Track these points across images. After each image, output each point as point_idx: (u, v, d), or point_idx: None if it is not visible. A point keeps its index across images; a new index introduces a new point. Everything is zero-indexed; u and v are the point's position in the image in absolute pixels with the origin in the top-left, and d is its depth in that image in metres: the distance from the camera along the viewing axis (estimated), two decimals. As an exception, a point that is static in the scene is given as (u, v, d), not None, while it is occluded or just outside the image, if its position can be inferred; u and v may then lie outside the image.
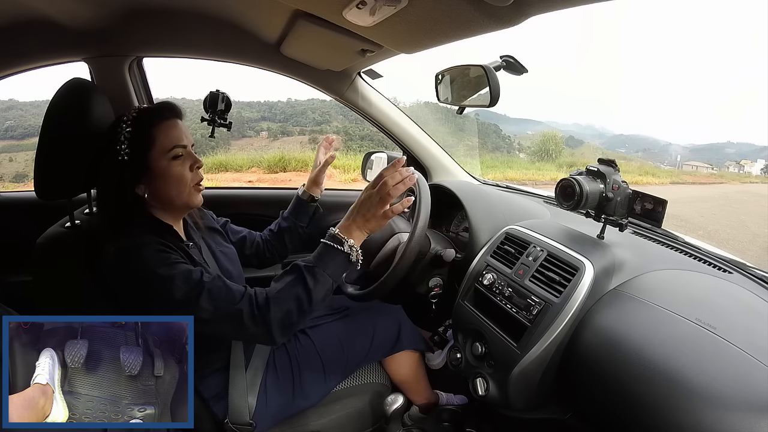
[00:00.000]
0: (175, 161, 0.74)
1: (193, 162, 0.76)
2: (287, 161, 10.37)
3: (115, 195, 0.73)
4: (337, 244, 0.72)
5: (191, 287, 0.66)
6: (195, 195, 0.77)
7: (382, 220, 0.73)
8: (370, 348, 0.95)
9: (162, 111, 0.76)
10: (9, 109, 13.22)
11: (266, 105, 17.78)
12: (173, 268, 0.67)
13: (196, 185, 0.77)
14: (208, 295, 0.67)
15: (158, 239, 0.70)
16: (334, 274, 0.72)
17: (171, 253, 0.69)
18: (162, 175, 0.73)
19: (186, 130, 0.77)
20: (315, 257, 0.73)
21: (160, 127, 0.73)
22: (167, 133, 0.74)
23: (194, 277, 0.67)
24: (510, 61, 0.86)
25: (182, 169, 0.75)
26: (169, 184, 0.74)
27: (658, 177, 18.51)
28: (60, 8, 0.89)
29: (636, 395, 0.57)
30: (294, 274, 0.71)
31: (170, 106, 0.77)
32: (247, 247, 1.01)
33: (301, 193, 1.06)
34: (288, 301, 0.69)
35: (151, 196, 0.75)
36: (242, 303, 0.68)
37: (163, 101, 0.81)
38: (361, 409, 0.93)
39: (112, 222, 0.73)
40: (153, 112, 0.75)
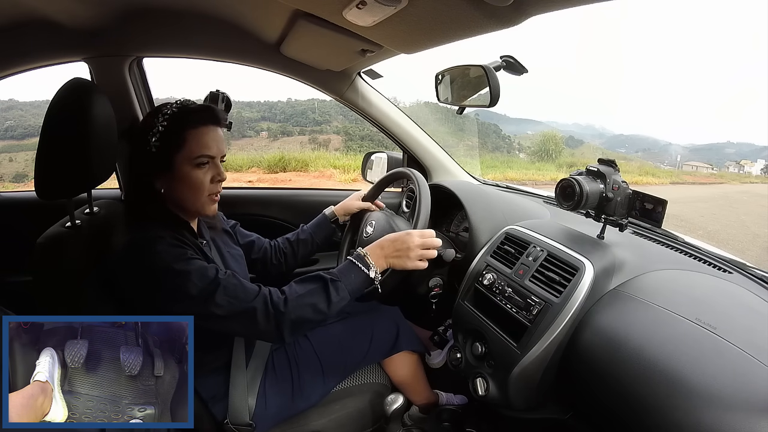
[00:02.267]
0: (199, 169, 0.73)
1: (216, 174, 0.76)
2: (287, 161, 10.38)
3: (136, 182, 0.75)
4: (364, 266, 0.76)
5: (207, 283, 0.67)
6: (208, 205, 0.77)
7: (409, 264, 0.78)
8: (368, 349, 0.95)
9: (200, 115, 0.74)
10: (9, 109, 13.23)
11: (266, 105, 17.79)
12: (189, 264, 0.67)
13: (211, 196, 0.77)
14: (223, 292, 0.67)
15: (173, 233, 0.71)
16: (353, 292, 0.75)
17: (186, 248, 0.70)
18: (182, 179, 0.73)
19: (221, 139, 0.75)
20: (340, 272, 0.75)
21: (194, 132, 0.72)
22: (198, 139, 0.72)
23: (210, 274, 0.68)
24: (510, 61, 0.87)
25: (203, 178, 0.74)
26: (186, 189, 0.74)
27: (658, 177, 18.52)
28: (60, 8, 0.89)
29: (636, 395, 0.57)
30: (318, 283, 0.73)
31: (210, 113, 0.75)
32: (254, 252, 1.02)
33: (329, 213, 1.10)
34: (306, 307, 0.70)
35: (167, 193, 0.75)
36: (256, 301, 0.69)
37: (208, 105, 0.78)
38: (361, 409, 0.93)
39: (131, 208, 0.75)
40: (191, 114, 0.73)
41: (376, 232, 0.97)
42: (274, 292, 0.71)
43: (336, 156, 11.76)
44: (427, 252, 0.79)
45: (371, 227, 1.00)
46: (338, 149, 14.57)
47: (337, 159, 10.91)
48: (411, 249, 0.78)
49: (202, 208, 0.76)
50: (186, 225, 0.78)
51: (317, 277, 0.74)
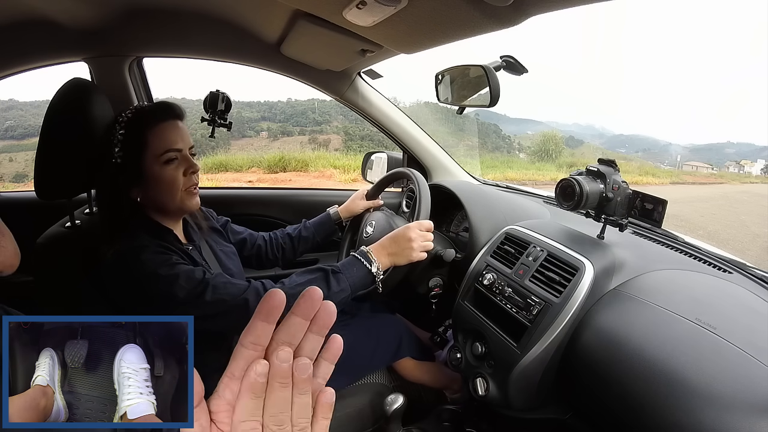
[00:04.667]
0: (168, 165, 0.72)
1: (188, 167, 0.74)
2: (287, 161, 10.39)
3: (111, 199, 0.72)
4: (366, 261, 0.76)
5: (194, 285, 0.66)
6: (189, 199, 0.75)
7: (413, 255, 0.80)
8: (374, 353, 0.95)
9: (156, 112, 0.72)
10: (9, 109, 13.23)
11: (266, 105, 17.80)
12: (175, 268, 0.67)
13: (188, 189, 0.75)
14: (212, 291, 0.67)
15: (157, 241, 0.70)
16: (354, 286, 0.75)
17: (171, 254, 0.69)
18: (154, 180, 0.71)
19: (184, 131, 0.74)
20: (342, 265, 0.76)
21: (153, 130, 0.71)
22: (160, 137, 0.71)
23: (197, 276, 0.67)
24: (510, 61, 0.86)
25: (175, 174, 0.72)
26: (161, 189, 0.72)
27: (658, 177, 18.52)
28: (60, 8, 0.89)
29: (636, 395, 0.57)
30: (318, 273, 0.73)
31: (165, 107, 0.74)
32: (246, 249, 1.02)
33: (332, 212, 1.10)
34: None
35: (145, 200, 0.74)
36: (248, 293, 0.69)
37: (160, 101, 0.77)
38: (361, 409, 0.93)
39: (111, 225, 0.72)
40: (146, 114, 0.72)
41: (376, 232, 0.97)
42: (268, 282, 0.71)
43: (336, 156, 11.77)
44: (427, 244, 0.81)
45: (371, 227, 1.00)
46: (338, 149, 14.58)
47: (337, 159, 10.92)
48: (413, 240, 0.79)
49: (182, 204, 0.74)
50: (169, 232, 0.76)
51: (318, 269, 0.74)
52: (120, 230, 0.71)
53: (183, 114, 0.75)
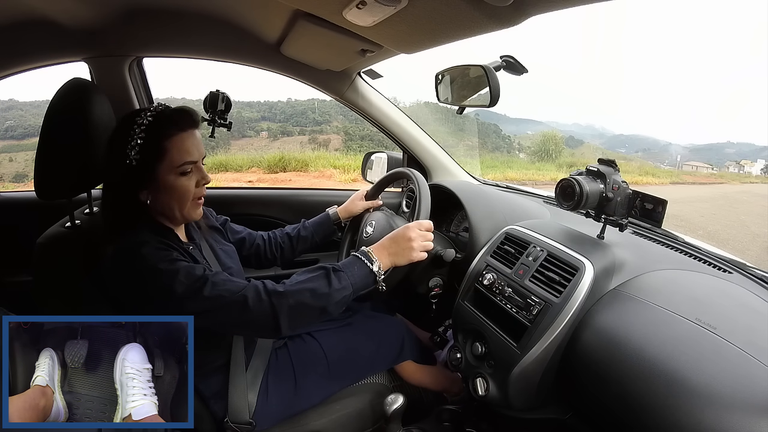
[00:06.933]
0: (183, 176, 0.73)
1: (201, 178, 0.75)
2: (287, 161, 10.37)
3: (118, 199, 0.73)
4: (367, 261, 0.76)
5: (194, 281, 0.66)
6: (194, 209, 0.77)
7: (414, 255, 0.79)
8: (376, 355, 0.95)
9: (178, 121, 0.72)
10: (9, 109, 13.23)
11: (266, 105, 17.80)
12: (175, 264, 0.67)
13: (195, 200, 0.76)
14: (211, 287, 0.67)
15: (158, 238, 0.70)
16: (355, 285, 0.74)
17: (171, 251, 0.70)
18: (168, 189, 0.72)
19: (200, 141, 0.75)
20: (344, 264, 0.76)
21: (174, 140, 0.71)
22: (179, 147, 0.71)
23: (196, 272, 0.68)
24: (510, 61, 0.86)
25: (188, 185, 0.73)
26: (173, 198, 0.73)
27: (658, 177, 18.51)
28: (60, 8, 0.89)
29: (636, 395, 0.57)
30: (319, 271, 0.73)
31: (187, 116, 0.74)
32: (245, 248, 1.02)
33: (332, 213, 1.11)
34: (304, 292, 0.70)
35: (152, 203, 0.74)
36: (247, 290, 0.69)
37: (180, 107, 0.76)
38: (361, 409, 0.93)
39: (113, 224, 0.73)
40: (169, 122, 0.72)
41: (376, 233, 0.97)
42: (269, 282, 0.71)
43: (336, 156, 11.77)
44: (427, 243, 0.81)
45: (371, 227, 1.00)
46: (338, 149, 14.57)
47: (337, 159, 10.92)
48: (413, 240, 0.79)
49: (188, 214, 0.76)
50: (171, 232, 0.77)
51: (319, 267, 0.74)
52: (123, 229, 0.72)
53: (200, 121, 0.76)
